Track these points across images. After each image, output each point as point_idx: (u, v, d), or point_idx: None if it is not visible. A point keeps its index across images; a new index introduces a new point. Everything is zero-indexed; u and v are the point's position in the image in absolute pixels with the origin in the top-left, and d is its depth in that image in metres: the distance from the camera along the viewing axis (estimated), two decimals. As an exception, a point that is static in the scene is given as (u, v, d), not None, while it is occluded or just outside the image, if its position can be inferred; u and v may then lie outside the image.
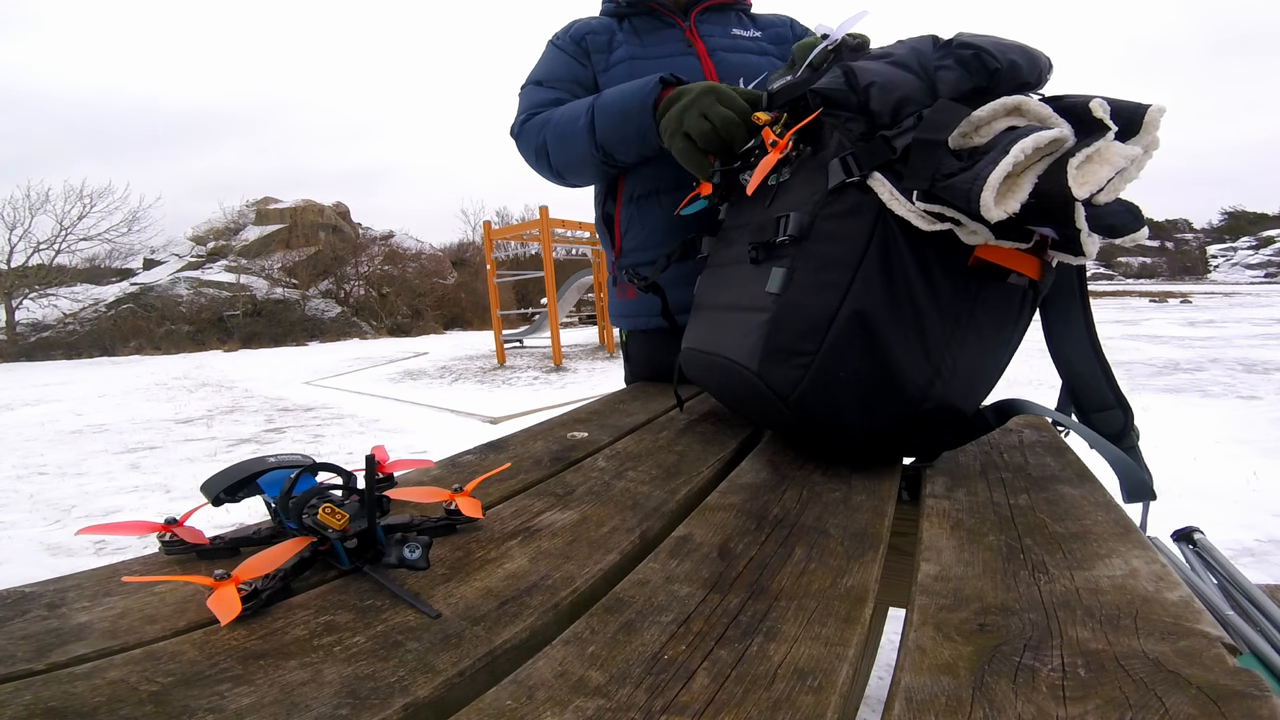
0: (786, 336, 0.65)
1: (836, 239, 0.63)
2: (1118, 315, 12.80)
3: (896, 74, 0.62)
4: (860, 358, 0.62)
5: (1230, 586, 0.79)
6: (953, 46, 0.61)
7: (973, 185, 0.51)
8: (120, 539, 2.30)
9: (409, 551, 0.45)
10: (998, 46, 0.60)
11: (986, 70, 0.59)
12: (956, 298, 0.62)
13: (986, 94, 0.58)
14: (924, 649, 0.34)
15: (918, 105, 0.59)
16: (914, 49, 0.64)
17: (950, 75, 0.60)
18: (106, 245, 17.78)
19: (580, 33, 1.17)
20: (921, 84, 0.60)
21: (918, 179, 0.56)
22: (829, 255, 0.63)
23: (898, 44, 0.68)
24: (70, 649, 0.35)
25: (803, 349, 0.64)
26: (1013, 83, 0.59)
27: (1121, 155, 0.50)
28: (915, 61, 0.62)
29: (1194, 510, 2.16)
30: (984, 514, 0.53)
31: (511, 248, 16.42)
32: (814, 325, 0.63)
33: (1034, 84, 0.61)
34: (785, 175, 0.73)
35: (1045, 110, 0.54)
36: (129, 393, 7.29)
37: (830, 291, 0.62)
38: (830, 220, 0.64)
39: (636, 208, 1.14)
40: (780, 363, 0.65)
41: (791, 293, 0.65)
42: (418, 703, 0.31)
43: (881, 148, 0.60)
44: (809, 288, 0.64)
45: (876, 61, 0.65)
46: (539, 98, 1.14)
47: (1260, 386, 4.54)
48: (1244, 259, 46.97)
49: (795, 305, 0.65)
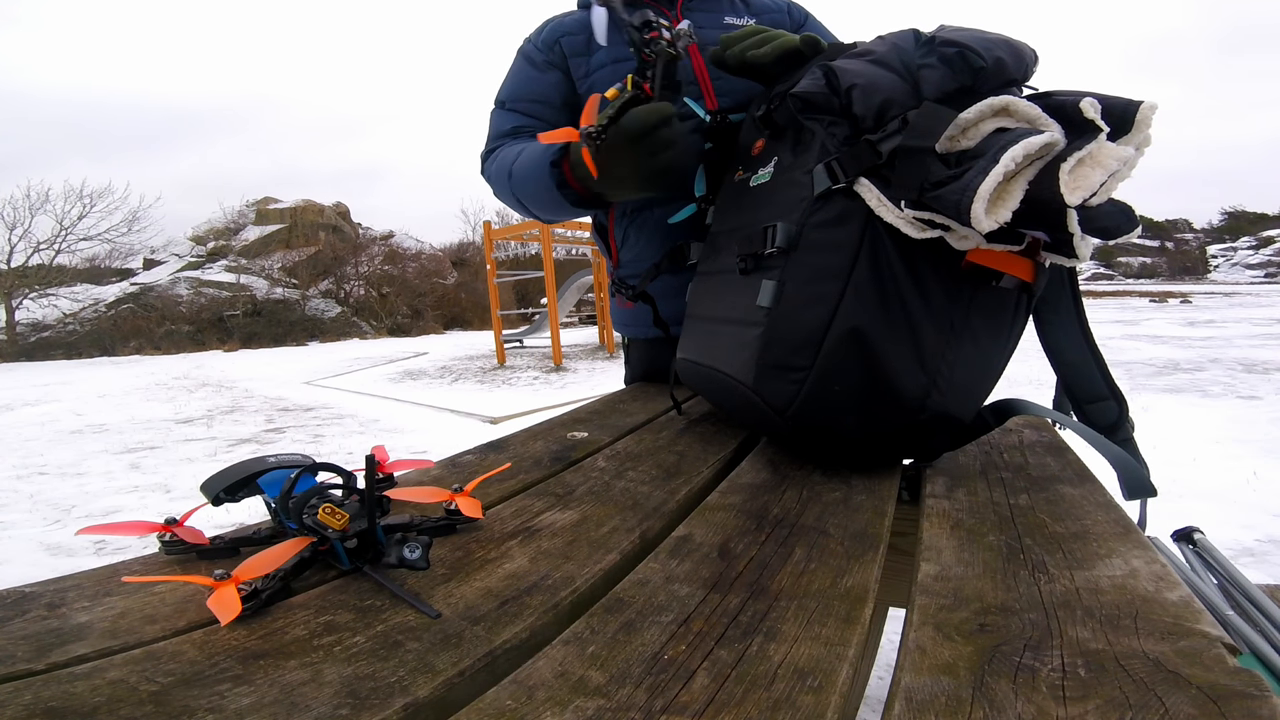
0: (780, 351, 0.64)
1: (825, 249, 0.62)
2: (1118, 315, 12.79)
3: (879, 74, 0.60)
4: (855, 370, 0.61)
5: (1230, 586, 0.79)
6: (935, 44, 0.59)
7: (962, 196, 0.50)
8: (120, 539, 2.30)
9: (409, 551, 0.45)
10: (982, 43, 0.58)
11: (971, 69, 0.57)
12: (950, 304, 0.61)
13: (972, 93, 0.57)
14: (924, 649, 0.34)
15: (902, 107, 0.58)
16: (895, 46, 0.63)
17: (934, 74, 0.58)
18: (106, 245, 17.81)
19: (554, 36, 1.05)
20: (905, 85, 0.59)
21: (905, 189, 0.55)
22: (818, 266, 0.62)
23: (878, 40, 0.66)
24: (70, 649, 0.35)
25: (797, 364, 0.63)
26: (999, 80, 0.57)
27: (1114, 157, 0.49)
28: (897, 60, 0.61)
29: (1194, 510, 2.16)
30: (984, 514, 0.53)
31: (511, 248, 16.40)
32: (807, 339, 0.62)
33: (1021, 80, 0.59)
34: (766, 177, 0.73)
35: (1034, 110, 0.53)
36: (129, 393, 7.29)
37: (821, 305, 0.61)
38: (818, 229, 0.62)
39: (631, 222, 1.09)
40: (775, 378, 0.64)
41: (783, 307, 0.64)
42: (418, 703, 0.31)
43: (867, 152, 0.59)
44: (800, 301, 0.63)
45: (857, 60, 0.63)
46: (500, 125, 1.05)
47: (1260, 386, 4.54)
48: (1244, 259, 46.97)
49: (787, 320, 0.64)
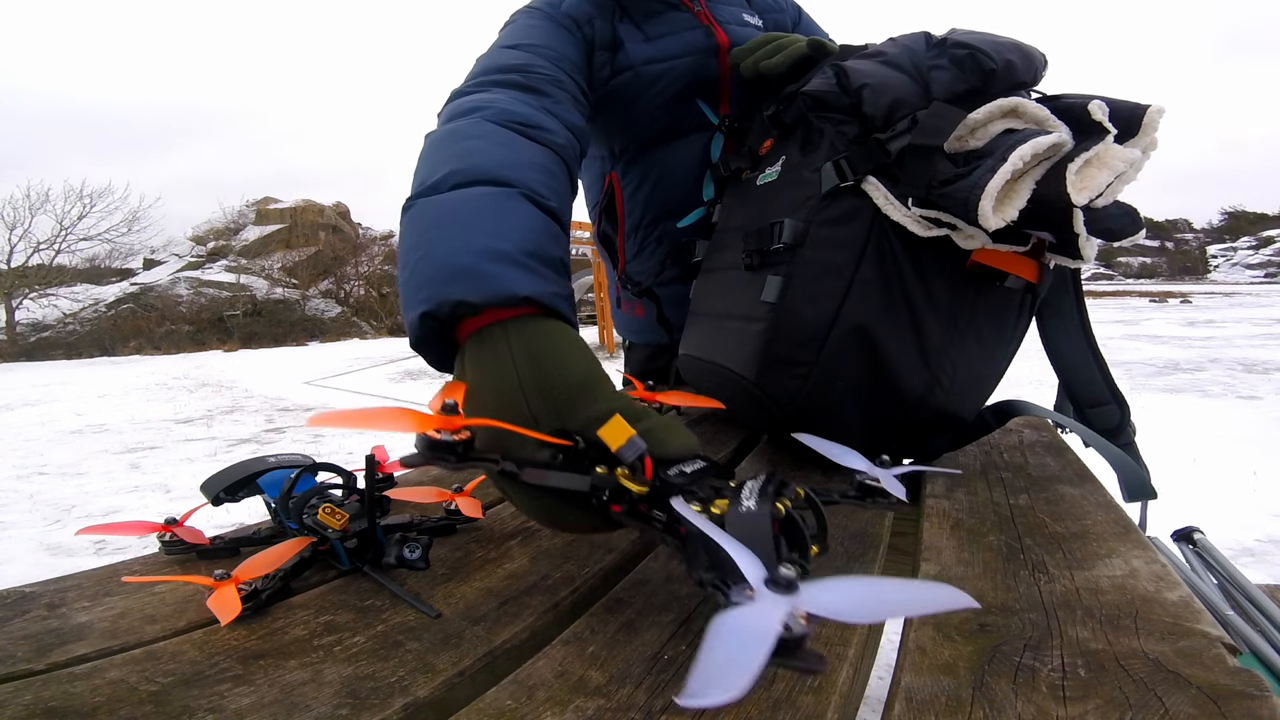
0: (784, 346, 0.64)
1: (832, 245, 0.62)
2: (1118, 315, 12.79)
3: (889, 74, 0.60)
4: (858, 366, 0.61)
5: (1230, 586, 0.79)
6: (947, 46, 0.60)
7: (970, 194, 0.50)
8: (120, 539, 2.30)
9: (409, 551, 0.45)
10: (993, 45, 0.58)
11: (982, 71, 0.57)
12: (954, 303, 0.61)
13: (981, 95, 0.57)
14: (924, 649, 0.34)
15: (911, 107, 0.58)
16: (906, 48, 0.63)
17: (944, 76, 0.58)
18: (106, 245, 17.79)
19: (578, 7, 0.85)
20: (915, 85, 0.59)
21: (913, 186, 0.55)
22: (825, 263, 0.62)
23: (889, 42, 0.66)
24: (70, 649, 0.35)
25: (801, 358, 0.63)
26: (1008, 82, 0.58)
27: (1120, 159, 0.49)
28: (908, 61, 0.61)
29: (1194, 510, 2.16)
30: (984, 514, 0.53)
31: (511, 248, 16.40)
32: (811, 334, 0.62)
33: (1030, 83, 0.60)
34: (773, 175, 0.73)
35: (1042, 112, 0.54)
36: (129, 393, 7.29)
37: (827, 300, 0.61)
38: (825, 226, 0.63)
39: (647, 235, 1.02)
40: (778, 373, 0.65)
41: (788, 302, 0.64)
42: (418, 703, 0.31)
43: (875, 151, 0.59)
44: (805, 296, 0.63)
45: (868, 61, 0.63)
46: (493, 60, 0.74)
47: (1260, 386, 4.54)
48: (1244, 259, 46.96)
49: (792, 314, 0.64)
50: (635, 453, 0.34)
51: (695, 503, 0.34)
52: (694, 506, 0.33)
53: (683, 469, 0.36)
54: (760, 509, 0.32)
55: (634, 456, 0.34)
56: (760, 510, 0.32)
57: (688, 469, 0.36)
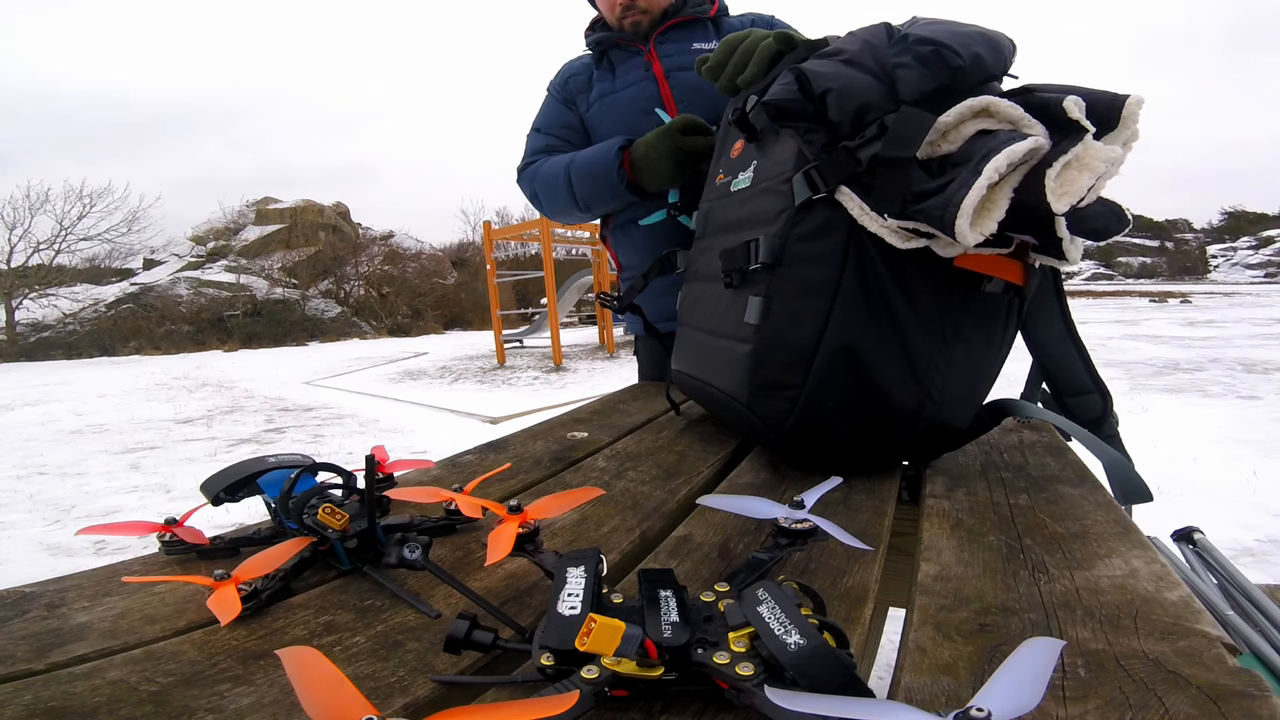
0: (771, 369, 0.63)
1: (810, 262, 0.60)
2: (1118, 315, 12.79)
3: (853, 76, 0.58)
4: (848, 386, 0.60)
5: (1230, 586, 0.79)
6: (910, 41, 0.56)
7: (944, 211, 0.48)
8: (120, 539, 2.30)
9: (409, 551, 0.45)
10: (958, 38, 0.55)
11: (949, 68, 0.54)
12: (940, 312, 0.59)
13: (950, 92, 0.54)
14: (924, 649, 0.34)
15: (879, 111, 0.56)
16: (867, 43, 0.60)
17: (911, 75, 0.55)
18: (106, 245, 17.80)
19: (564, 78, 1.27)
20: (881, 86, 0.57)
21: (888, 202, 0.53)
22: (804, 281, 0.60)
23: (849, 37, 0.63)
24: (70, 649, 0.35)
25: (789, 382, 0.62)
26: (977, 77, 0.55)
27: (1101, 159, 0.46)
28: (871, 59, 0.58)
29: (1194, 510, 2.16)
30: (984, 514, 0.53)
31: (511, 248, 16.41)
32: (798, 357, 0.61)
33: (1000, 73, 0.57)
34: (745, 183, 0.71)
35: (1016, 111, 0.51)
36: (129, 393, 7.29)
37: (809, 321, 0.60)
38: (801, 242, 0.61)
39: (623, 233, 1.25)
40: (768, 396, 0.64)
41: (771, 324, 0.63)
42: (418, 703, 0.31)
43: (846, 160, 0.56)
44: (788, 318, 0.62)
45: (829, 61, 0.60)
46: (536, 144, 1.27)
47: (1260, 386, 4.54)
48: (1244, 259, 46.95)
49: (776, 337, 0.63)
50: (634, 645, 0.27)
51: (719, 653, 0.29)
52: (718, 659, 0.28)
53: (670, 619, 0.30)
54: (816, 643, 0.27)
55: (633, 650, 0.27)
56: (818, 646, 0.27)
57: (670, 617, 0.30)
